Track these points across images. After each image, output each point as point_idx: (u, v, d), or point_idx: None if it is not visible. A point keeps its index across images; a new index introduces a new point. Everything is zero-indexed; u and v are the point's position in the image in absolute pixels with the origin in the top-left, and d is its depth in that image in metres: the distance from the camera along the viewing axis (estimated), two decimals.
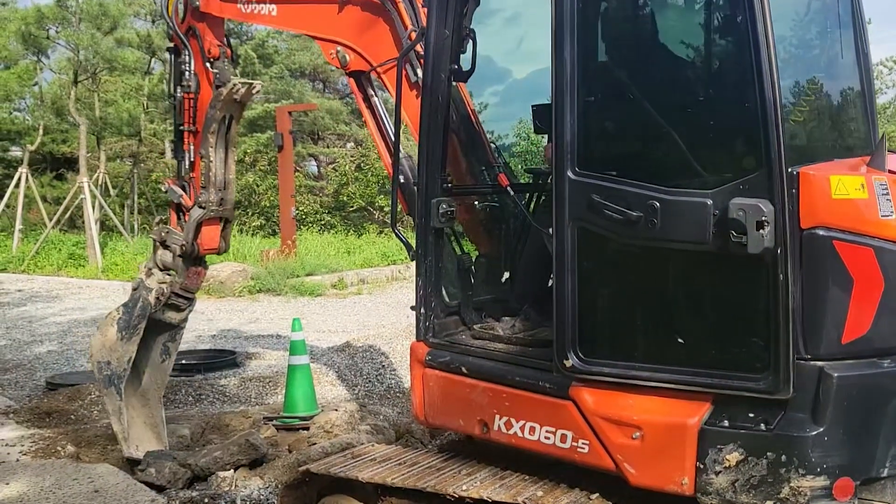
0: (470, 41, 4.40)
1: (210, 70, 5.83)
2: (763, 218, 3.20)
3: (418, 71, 4.71)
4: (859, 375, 3.32)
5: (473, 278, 4.78)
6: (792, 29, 3.97)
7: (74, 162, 24.60)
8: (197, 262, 6.00)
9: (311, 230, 24.06)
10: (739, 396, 3.39)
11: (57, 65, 26.52)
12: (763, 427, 3.35)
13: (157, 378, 6.06)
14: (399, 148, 4.71)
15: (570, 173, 3.67)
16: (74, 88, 22.50)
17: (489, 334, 4.37)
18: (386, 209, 23.74)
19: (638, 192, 3.51)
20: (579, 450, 3.75)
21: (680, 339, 3.54)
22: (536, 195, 4.91)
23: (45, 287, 16.26)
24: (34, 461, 5.81)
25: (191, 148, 5.96)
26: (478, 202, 5.09)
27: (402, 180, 4.79)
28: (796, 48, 4.06)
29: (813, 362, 3.29)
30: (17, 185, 20.82)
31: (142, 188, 26.77)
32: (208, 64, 5.86)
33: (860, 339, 3.32)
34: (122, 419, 5.72)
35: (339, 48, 5.21)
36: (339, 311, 13.31)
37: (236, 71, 5.98)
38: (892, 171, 3.49)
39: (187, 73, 5.93)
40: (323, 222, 25.65)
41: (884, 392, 3.36)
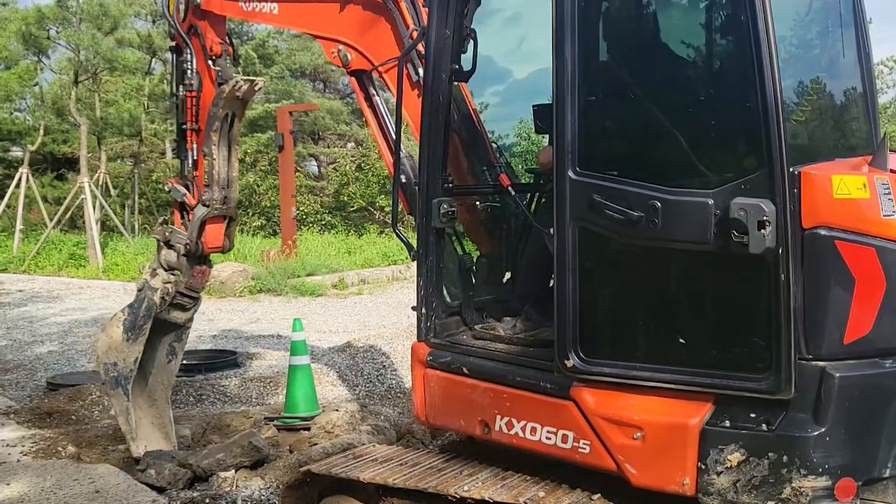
0: (471, 41, 4.39)
1: (212, 68, 5.83)
2: (764, 218, 3.20)
3: (420, 70, 4.71)
4: (861, 376, 3.31)
5: (474, 278, 4.77)
6: (793, 28, 3.96)
7: (75, 162, 24.60)
8: (201, 260, 5.99)
9: (312, 230, 24.06)
10: (741, 397, 3.38)
11: (57, 65, 26.54)
12: (764, 427, 3.34)
13: (164, 378, 6.06)
14: (400, 148, 4.70)
15: (570, 173, 3.66)
16: (75, 89, 22.50)
17: (490, 334, 4.36)
18: (386, 209, 23.74)
19: (639, 191, 3.50)
20: (580, 450, 3.75)
21: (681, 340, 3.54)
22: (537, 195, 4.90)
23: (45, 287, 16.26)
24: (35, 462, 5.81)
25: (193, 146, 5.96)
26: (479, 202, 5.09)
27: (404, 180, 4.78)
28: (798, 48, 4.06)
29: (815, 362, 3.28)
30: (17, 185, 20.83)
31: (142, 188, 26.77)
32: (210, 62, 5.85)
33: (862, 339, 3.31)
34: (130, 419, 5.72)
35: (341, 47, 5.20)
36: (339, 312, 13.30)
37: (238, 69, 5.97)
38: (893, 171, 3.48)
39: (189, 71, 5.93)
40: (323, 222, 25.65)
41: (886, 392, 3.36)
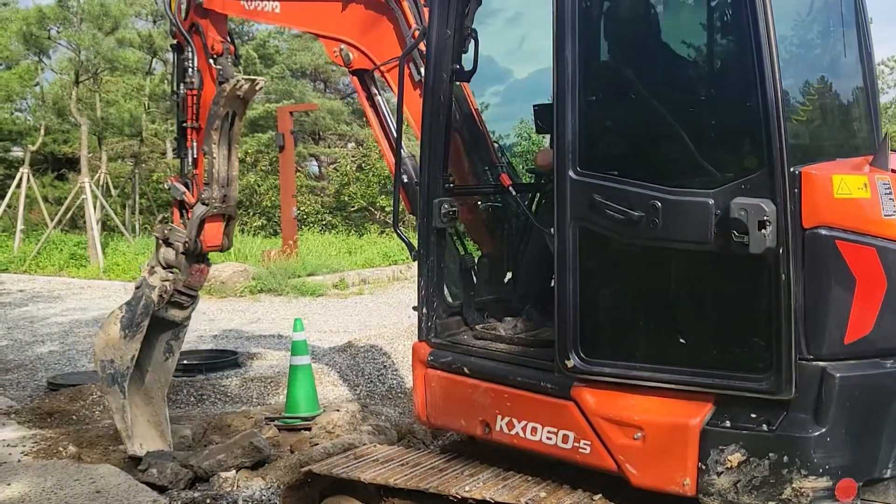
0: (472, 41, 4.39)
1: (213, 66, 5.82)
2: (765, 217, 3.19)
3: (422, 70, 4.70)
4: (862, 376, 3.31)
5: (475, 278, 4.77)
6: (794, 28, 3.96)
7: (76, 162, 24.63)
8: (200, 259, 6.00)
9: (313, 230, 24.07)
10: (741, 397, 3.38)
11: (58, 65, 26.55)
12: (765, 428, 3.34)
13: (161, 376, 6.05)
14: (401, 147, 4.70)
15: (571, 173, 3.66)
16: (76, 89, 22.51)
17: (491, 334, 4.36)
18: (387, 209, 23.75)
19: (639, 191, 3.50)
20: (581, 450, 3.74)
21: (682, 340, 3.54)
22: (538, 195, 4.90)
23: (46, 287, 16.26)
24: (36, 462, 5.81)
25: (194, 145, 5.95)
26: (480, 202, 5.08)
27: (406, 180, 4.78)
28: (799, 47, 4.05)
29: (815, 363, 3.28)
30: (18, 185, 20.84)
31: (143, 188, 26.78)
32: (211, 60, 5.85)
33: (863, 339, 3.31)
34: (126, 417, 5.71)
35: (343, 46, 5.19)
36: (340, 312, 13.30)
37: (239, 69, 5.97)
38: (894, 171, 3.48)
39: (190, 69, 5.92)
40: (324, 222, 25.65)
41: (886, 392, 3.35)
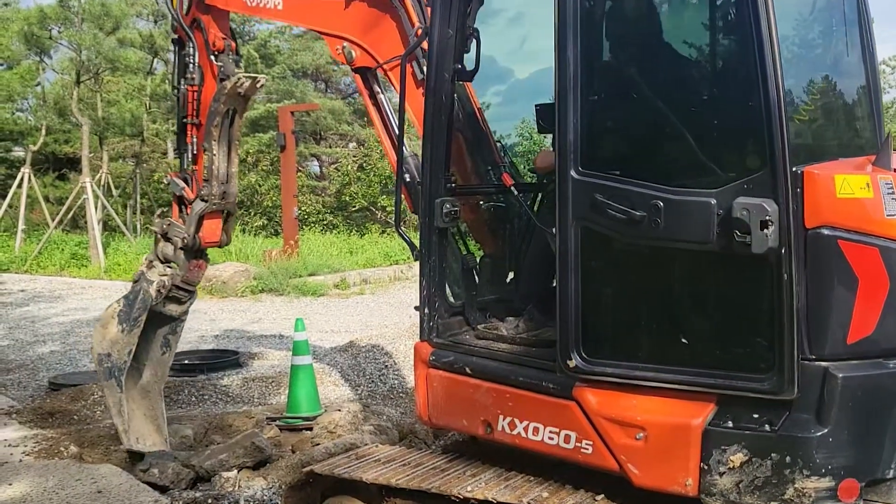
0: (474, 41, 4.38)
1: (214, 63, 5.80)
2: (767, 217, 3.19)
3: (425, 69, 4.69)
4: (864, 376, 3.30)
5: (477, 278, 4.77)
6: (797, 28, 3.96)
7: (77, 162, 24.66)
8: (198, 254, 5.99)
9: (314, 230, 24.07)
10: (743, 397, 3.38)
11: (59, 65, 26.54)
12: (767, 428, 3.34)
13: (158, 370, 6.05)
14: (403, 147, 4.69)
15: (573, 173, 3.66)
16: (77, 88, 22.52)
17: (493, 334, 4.36)
18: (388, 209, 23.75)
19: (641, 191, 3.50)
20: (583, 450, 3.74)
21: (684, 340, 3.54)
22: (541, 195, 4.90)
23: (47, 287, 16.26)
24: (37, 462, 5.80)
25: (193, 141, 5.94)
26: (482, 202, 5.08)
27: (408, 179, 4.78)
28: (801, 47, 4.05)
29: (817, 363, 3.28)
30: (19, 185, 20.86)
31: (144, 188, 26.80)
32: (212, 57, 5.83)
33: (865, 339, 3.30)
34: (123, 412, 5.71)
35: (346, 44, 5.17)
36: (341, 312, 13.30)
37: (240, 66, 5.95)
38: None
39: (191, 65, 5.91)
40: (325, 222, 25.66)
41: (889, 393, 3.35)
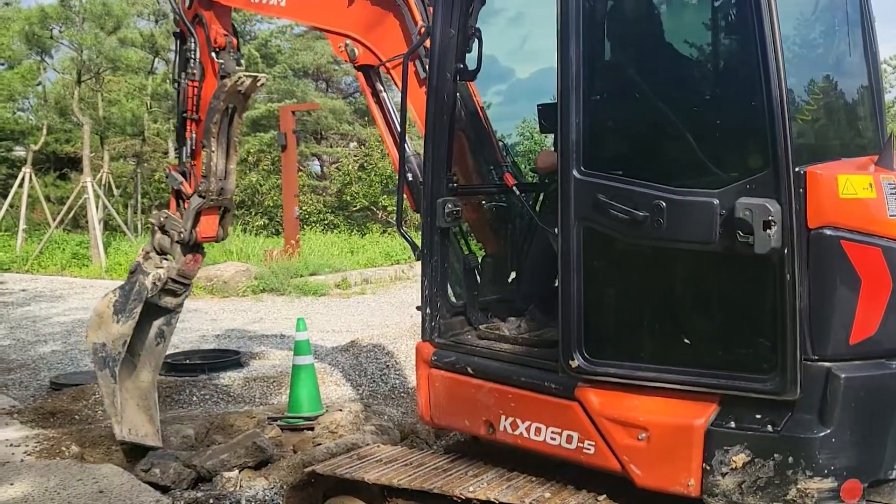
0: (476, 40, 4.38)
1: (215, 61, 5.80)
2: (770, 218, 3.19)
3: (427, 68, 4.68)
4: (867, 377, 3.30)
5: (479, 278, 4.76)
6: (800, 28, 3.95)
7: (78, 162, 24.66)
8: (194, 249, 6.00)
9: (315, 230, 24.07)
10: (746, 397, 3.37)
11: (60, 64, 26.53)
12: (770, 428, 3.34)
13: (152, 361, 6.06)
14: (405, 147, 4.69)
15: (575, 172, 3.66)
16: (78, 88, 22.52)
17: (495, 334, 4.36)
18: (389, 209, 23.76)
19: (644, 191, 3.50)
20: (585, 451, 3.74)
21: (686, 340, 3.54)
22: (543, 195, 4.89)
23: (48, 287, 16.25)
24: (38, 461, 5.81)
25: (192, 136, 5.94)
26: (484, 201, 5.07)
27: (410, 178, 4.77)
28: (803, 47, 4.04)
29: (820, 363, 3.28)
30: (20, 184, 20.86)
31: (145, 188, 26.81)
32: (213, 54, 5.82)
33: (868, 339, 3.30)
34: (116, 402, 5.73)
35: (348, 42, 5.16)
36: (342, 311, 13.29)
37: (242, 65, 5.94)
38: None
39: (192, 60, 5.90)
40: (326, 222, 25.66)
41: (892, 393, 3.35)
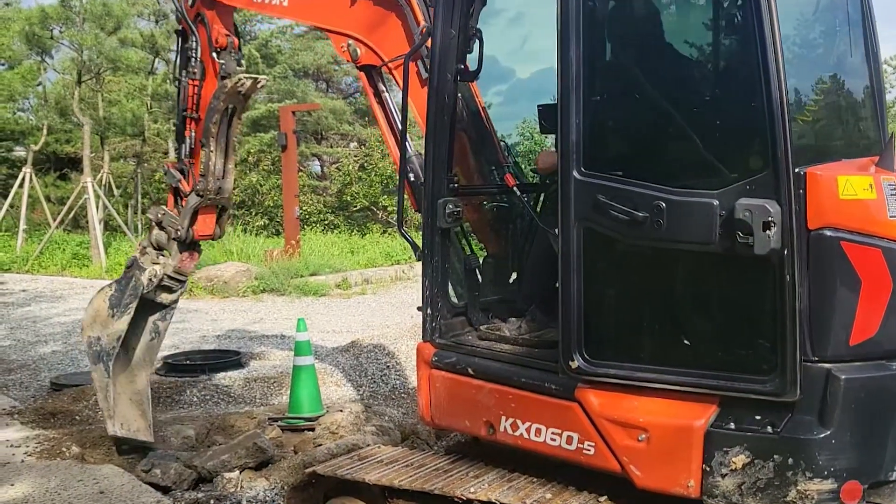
0: (476, 41, 4.38)
1: (216, 61, 5.80)
2: (770, 219, 3.19)
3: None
4: (867, 378, 3.31)
5: (480, 279, 4.77)
6: (800, 28, 3.95)
7: (78, 162, 24.65)
8: (191, 246, 6.01)
9: (315, 230, 24.06)
10: (746, 399, 3.38)
11: (61, 65, 26.50)
12: (770, 429, 3.34)
13: (146, 356, 6.06)
14: (406, 147, 4.69)
15: (575, 173, 3.66)
16: (78, 88, 22.49)
17: (495, 335, 4.36)
18: (389, 209, 23.75)
19: (644, 192, 3.50)
20: (585, 452, 3.74)
21: (686, 341, 3.54)
22: (543, 195, 4.89)
23: (49, 287, 16.25)
24: (39, 462, 5.80)
25: (192, 134, 5.95)
26: (485, 202, 5.08)
27: (412, 178, 4.78)
28: (804, 47, 4.04)
29: (820, 364, 3.28)
30: (20, 185, 20.85)
31: (145, 188, 26.78)
32: (215, 54, 5.83)
33: (868, 340, 3.31)
34: (109, 396, 5.73)
35: (351, 42, 5.17)
36: (343, 312, 13.29)
37: (242, 65, 5.94)
38: None
39: (193, 59, 5.91)
40: (326, 222, 25.66)
41: (892, 395, 3.35)
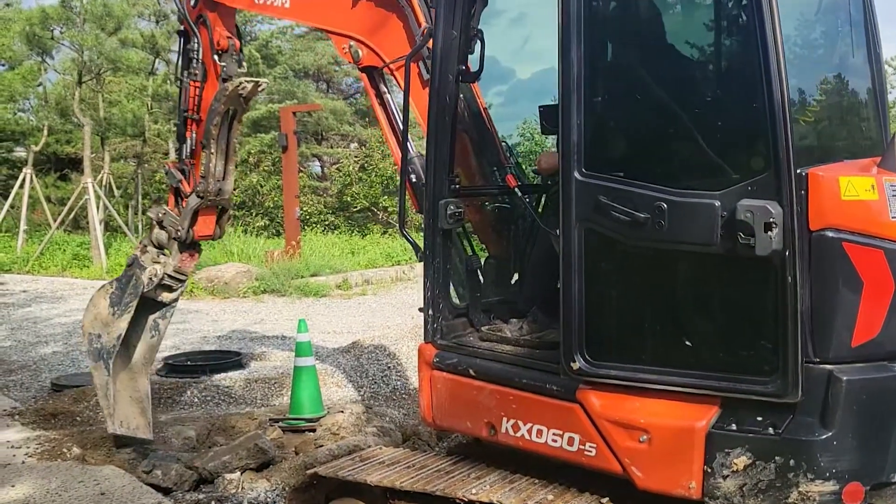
0: (478, 42, 4.38)
1: (217, 63, 5.81)
2: (771, 219, 3.19)
3: None
4: (869, 379, 3.30)
5: (482, 280, 4.76)
6: (802, 28, 3.95)
7: (78, 162, 24.64)
8: (191, 246, 6.02)
9: (315, 231, 24.06)
10: (747, 400, 3.38)
11: (61, 65, 26.48)
12: (771, 431, 3.34)
13: (146, 354, 6.07)
14: (407, 148, 4.69)
15: (577, 174, 3.66)
16: (78, 89, 22.48)
17: (497, 336, 4.36)
18: (390, 209, 23.75)
19: (645, 193, 3.50)
20: (586, 453, 3.74)
21: (688, 342, 3.53)
22: (545, 196, 4.89)
23: (49, 288, 16.24)
24: (40, 463, 5.80)
25: (193, 135, 5.96)
26: (487, 203, 5.08)
27: (414, 179, 4.78)
28: (806, 48, 4.04)
29: (822, 366, 3.28)
30: (21, 185, 20.85)
31: (146, 189, 26.77)
32: (216, 56, 5.83)
33: (870, 342, 3.31)
34: (109, 395, 5.73)
35: (352, 43, 5.17)
36: (343, 312, 13.28)
37: (243, 67, 5.94)
38: None
39: (195, 60, 5.91)
40: (327, 223, 25.66)
41: (894, 396, 3.35)
